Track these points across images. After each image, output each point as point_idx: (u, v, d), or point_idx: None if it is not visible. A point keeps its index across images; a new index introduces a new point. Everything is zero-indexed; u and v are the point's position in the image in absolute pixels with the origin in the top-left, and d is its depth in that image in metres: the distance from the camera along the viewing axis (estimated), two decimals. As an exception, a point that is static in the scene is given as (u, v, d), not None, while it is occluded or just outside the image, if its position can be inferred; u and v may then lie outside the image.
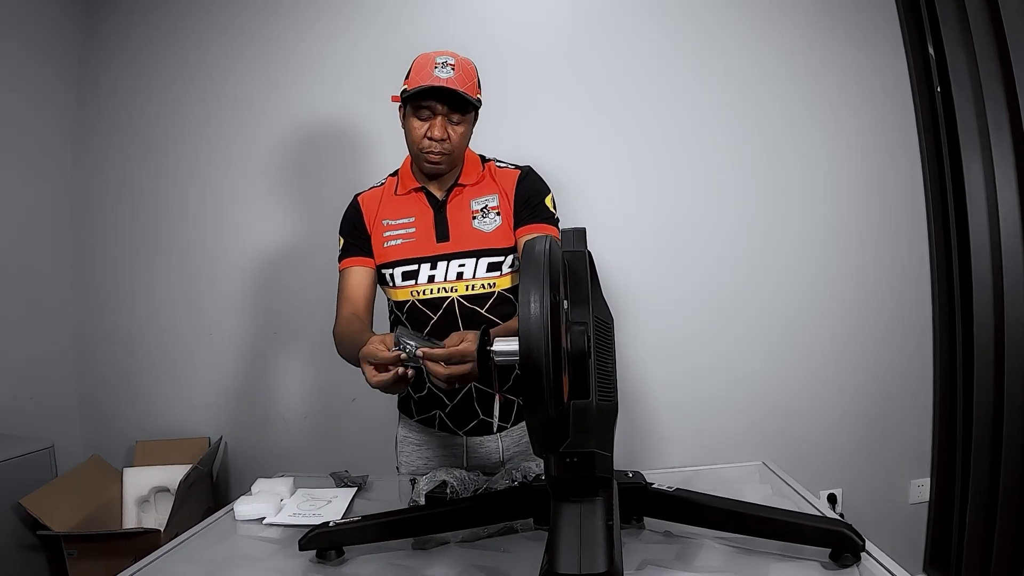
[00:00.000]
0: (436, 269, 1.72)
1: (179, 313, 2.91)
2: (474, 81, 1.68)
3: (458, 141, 1.68)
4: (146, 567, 1.41)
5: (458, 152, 1.71)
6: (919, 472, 2.87)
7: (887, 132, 2.84)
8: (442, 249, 1.73)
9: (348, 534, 1.37)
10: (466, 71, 1.65)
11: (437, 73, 1.61)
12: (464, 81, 1.63)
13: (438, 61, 1.63)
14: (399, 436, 1.93)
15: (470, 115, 1.69)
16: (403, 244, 1.75)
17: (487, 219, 1.74)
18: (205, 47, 2.93)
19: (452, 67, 1.62)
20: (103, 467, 2.68)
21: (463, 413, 1.80)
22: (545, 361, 0.88)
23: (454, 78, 1.61)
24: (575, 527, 1.00)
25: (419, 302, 1.74)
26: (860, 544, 1.21)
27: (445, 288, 1.72)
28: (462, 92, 1.62)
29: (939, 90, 2.68)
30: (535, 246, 0.98)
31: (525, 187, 1.76)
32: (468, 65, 1.68)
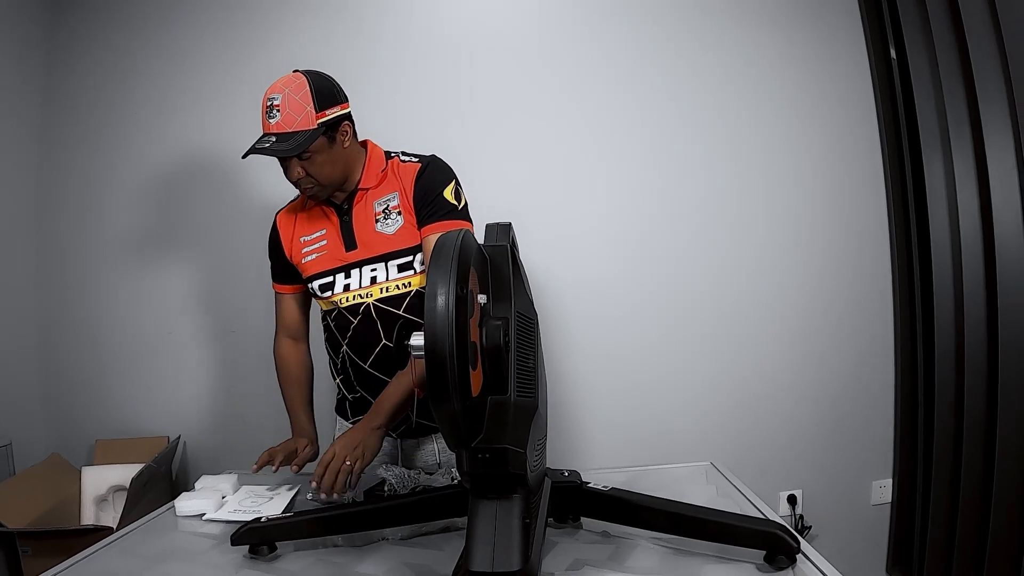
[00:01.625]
0: (351, 278, 1.74)
1: (141, 312, 2.89)
2: (303, 112, 1.59)
3: (319, 172, 1.65)
4: (83, 560, 1.41)
5: (327, 179, 1.68)
6: (881, 473, 2.87)
7: (850, 135, 2.85)
8: (352, 257, 1.74)
9: (280, 530, 1.36)
10: (292, 106, 1.59)
11: (268, 119, 1.60)
12: (291, 120, 1.58)
13: (266, 104, 1.61)
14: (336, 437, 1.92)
15: (319, 144, 1.62)
16: (317, 258, 1.77)
17: (388, 220, 1.73)
18: (169, 45, 2.91)
19: (277, 108, 1.58)
20: (62, 466, 2.66)
21: None
22: (449, 354, 0.87)
23: (280, 121, 1.58)
24: (490, 524, 1.00)
25: (342, 310, 1.76)
26: (795, 546, 1.20)
27: (361, 294, 1.74)
28: (278, 147, 1.58)
29: (894, 56, 2.69)
30: (447, 239, 0.97)
31: (422, 183, 1.73)
32: (299, 92, 1.60)
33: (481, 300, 1.04)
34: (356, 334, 1.74)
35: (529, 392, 1.09)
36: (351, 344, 1.76)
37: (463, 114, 2.79)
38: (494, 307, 1.08)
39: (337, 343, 1.80)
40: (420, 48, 2.83)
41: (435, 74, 2.82)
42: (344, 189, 1.76)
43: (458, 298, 0.89)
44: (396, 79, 2.80)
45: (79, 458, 2.78)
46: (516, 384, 1.04)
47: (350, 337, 1.75)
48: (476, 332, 0.97)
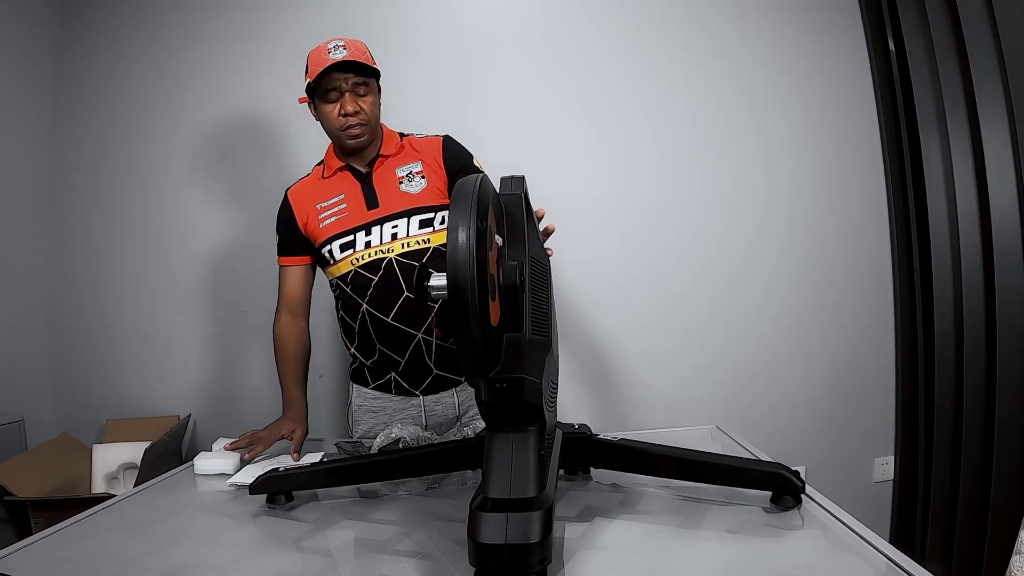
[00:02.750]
0: (371, 235, 1.81)
1: (151, 292, 2.92)
2: (366, 55, 1.79)
3: (370, 110, 1.78)
4: (100, 512, 1.44)
5: (374, 121, 1.82)
6: (883, 450, 2.90)
7: (849, 121, 2.88)
8: (374, 215, 1.82)
9: (297, 479, 1.40)
10: (357, 48, 1.76)
11: (332, 56, 1.72)
12: (357, 55, 1.74)
13: (329, 47, 1.75)
14: (353, 405, 1.97)
15: (373, 85, 1.79)
16: (337, 220, 1.83)
17: (413, 183, 1.83)
18: (180, 36, 2.95)
19: (343, 47, 1.73)
20: (73, 443, 2.69)
21: (417, 371, 1.85)
22: (470, 282, 0.90)
23: (348, 55, 1.72)
24: (507, 455, 1.02)
25: (360, 268, 1.81)
26: (800, 486, 1.24)
27: (382, 250, 1.79)
28: (360, 61, 1.73)
29: (893, 49, 2.73)
30: (466, 181, 1.00)
31: (451, 151, 1.88)
32: (358, 43, 1.79)
33: (497, 241, 1.07)
34: (377, 290, 1.79)
35: (543, 331, 1.13)
36: (372, 301, 1.81)
37: (467, 106, 2.83)
38: (509, 251, 1.12)
39: (355, 305, 1.83)
40: (428, 40, 2.87)
41: (441, 66, 2.87)
42: (364, 156, 1.86)
43: (478, 231, 0.93)
44: (407, 70, 2.82)
45: (90, 437, 2.81)
46: (531, 322, 1.08)
47: (371, 294, 1.80)
48: (494, 267, 1.01)
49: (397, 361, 1.84)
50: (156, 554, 1.20)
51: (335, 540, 1.24)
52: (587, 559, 1.08)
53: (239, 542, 1.27)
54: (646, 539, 1.16)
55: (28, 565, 1.16)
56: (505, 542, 0.92)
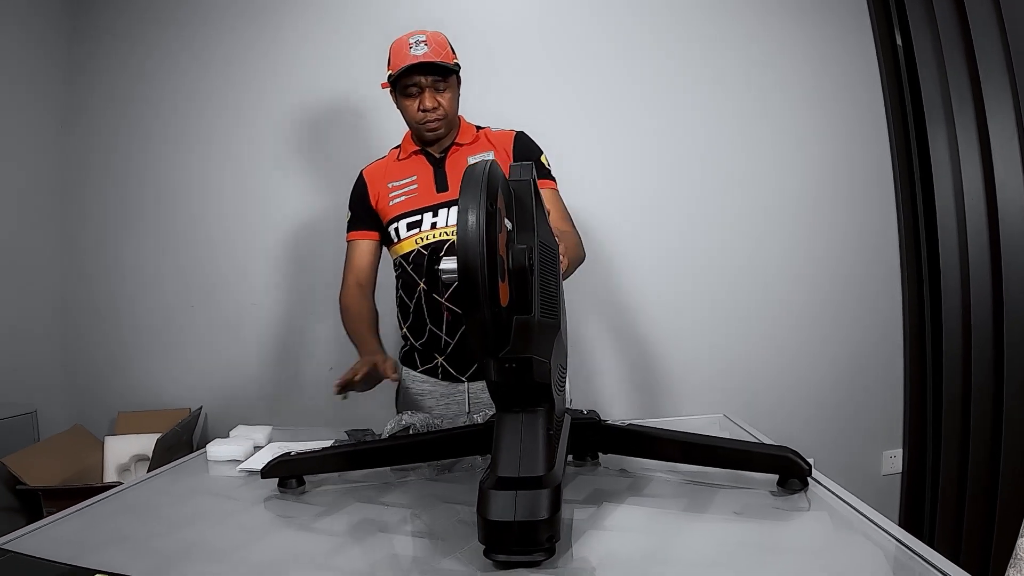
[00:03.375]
0: (438, 216, 1.87)
1: (162, 286, 2.96)
2: (447, 50, 1.84)
3: (449, 105, 1.85)
4: (114, 495, 1.46)
5: (452, 115, 1.88)
6: (891, 443, 2.90)
7: (857, 116, 2.90)
8: (442, 198, 1.88)
9: (308, 463, 1.41)
10: (438, 43, 1.82)
11: (413, 52, 1.78)
12: (438, 52, 1.80)
13: (411, 41, 1.80)
14: (402, 388, 2.03)
15: (452, 80, 1.86)
16: (406, 199, 1.90)
17: None
18: (195, 24, 2.98)
19: (424, 43, 1.79)
20: (85, 435, 2.72)
21: (463, 356, 1.90)
22: (480, 263, 0.91)
23: (429, 52, 1.78)
24: (516, 435, 1.04)
25: (423, 248, 1.86)
26: (807, 469, 1.24)
27: (447, 232, 1.85)
28: (438, 62, 1.79)
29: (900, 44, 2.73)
30: (475, 166, 1.02)
31: (522, 146, 1.97)
32: (439, 37, 1.84)
33: (507, 225, 1.08)
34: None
35: (552, 314, 1.14)
36: (430, 281, 1.85)
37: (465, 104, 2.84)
38: (518, 236, 1.13)
39: (413, 284, 1.88)
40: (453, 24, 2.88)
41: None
42: (440, 144, 1.92)
43: (488, 213, 0.94)
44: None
45: (101, 429, 2.83)
46: (540, 305, 1.09)
47: (428, 274, 1.85)
48: (504, 249, 1.02)
49: (446, 343, 1.89)
50: (165, 536, 1.21)
51: (345, 522, 1.25)
52: (594, 539, 1.08)
53: (249, 524, 1.28)
54: (653, 521, 1.17)
55: (39, 547, 1.17)
56: (514, 519, 0.93)
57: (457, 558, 1.04)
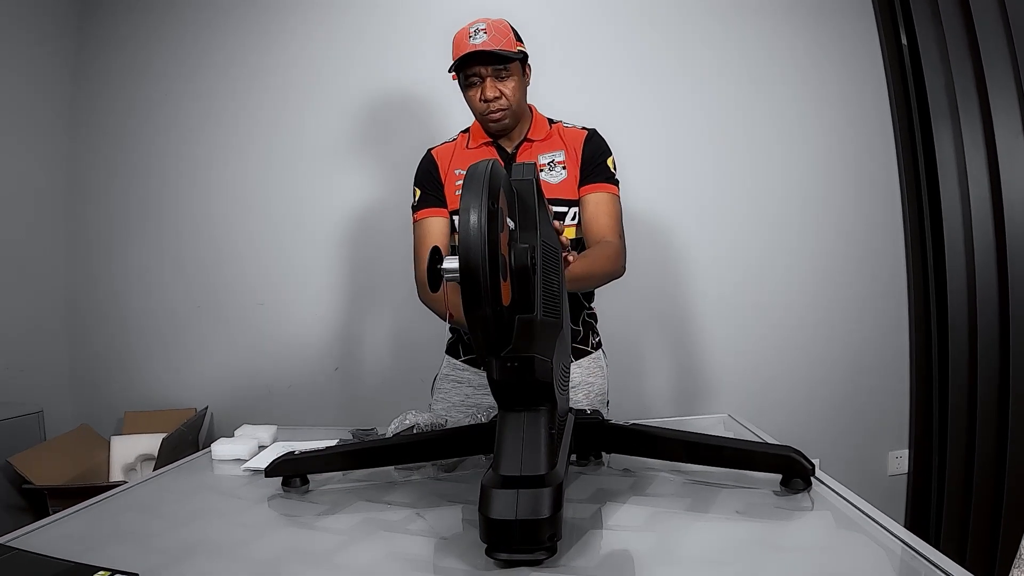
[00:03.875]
0: None
1: (168, 287, 2.97)
2: (509, 37, 1.76)
3: (512, 94, 1.78)
4: (119, 494, 1.46)
5: (516, 105, 1.81)
6: (897, 444, 2.89)
7: (862, 115, 2.90)
8: None
9: (312, 462, 1.41)
10: (499, 30, 1.75)
11: (472, 42, 1.72)
12: (498, 40, 1.73)
13: (471, 31, 1.74)
14: (440, 374, 2.02)
15: (515, 68, 1.78)
16: None
17: (553, 172, 1.84)
18: (200, 26, 3.00)
19: (484, 31, 1.73)
20: (91, 435, 2.73)
21: None
22: (482, 261, 0.92)
23: (488, 40, 1.72)
24: (518, 434, 1.04)
25: None
26: (810, 468, 1.24)
27: None
28: (495, 50, 1.72)
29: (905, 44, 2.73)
30: (478, 165, 1.02)
31: (592, 146, 1.89)
32: (500, 24, 1.77)
33: (509, 225, 1.08)
34: None
35: (555, 313, 1.14)
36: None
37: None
38: (521, 235, 1.13)
39: None
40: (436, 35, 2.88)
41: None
42: (512, 137, 1.88)
43: (490, 212, 0.94)
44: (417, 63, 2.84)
45: (108, 429, 2.85)
46: (542, 304, 1.09)
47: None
48: (506, 248, 1.02)
49: None
50: (169, 533, 1.22)
51: (349, 520, 1.25)
52: (597, 538, 1.09)
53: (253, 522, 1.28)
54: (656, 520, 1.17)
55: (43, 544, 1.17)
56: (515, 518, 0.93)
57: (460, 557, 1.04)
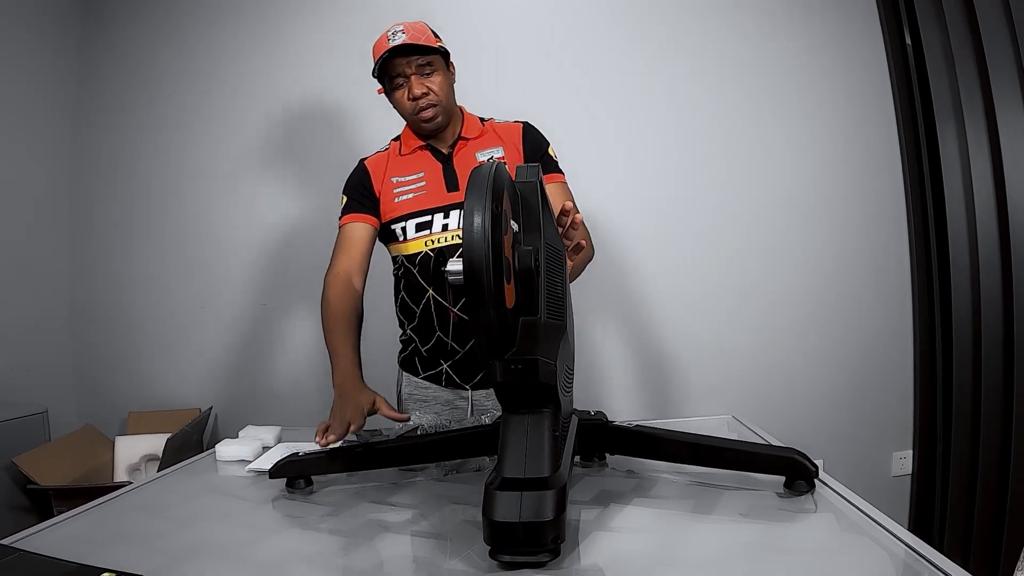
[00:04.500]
0: (449, 218, 1.78)
1: (172, 287, 2.97)
2: (428, 34, 1.75)
3: (439, 89, 1.76)
4: (123, 495, 1.47)
5: (446, 100, 1.79)
6: (901, 444, 2.89)
7: (866, 114, 2.89)
8: (453, 198, 1.79)
9: (316, 463, 1.41)
10: (417, 29, 1.73)
11: (392, 42, 1.71)
12: (416, 38, 1.71)
13: (389, 34, 1.73)
14: (403, 394, 1.94)
15: (438, 63, 1.77)
16: (414, 197, 1.81)
17: None
18: (203, 28, 2.99)
19: (402, 31, 1.72)
20: (95, 435, 2.74)
21: (471, 364, 1.83)
22: (486, 264, 0.92)
23: (407, 39, 1.70)
24: (522, 436, 1.04)
25: (431, 251, 1.77)
26: (813, 470, 1.24)
27: (458, 235, 1.75)
28: (417, 43, 1.71)
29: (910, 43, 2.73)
30: (481, 168, 1.02)
31: (531, 139, 1.88)
32: (419, 24, 1.76)
33: (513, 227, 1.08)
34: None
35: (558, 315, 1.14)
36: (439, 289, 1.78)
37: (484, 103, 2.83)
38: (525, 238, 1.13)
39: (420, 289, 1.80)
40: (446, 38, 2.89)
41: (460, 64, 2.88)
42: (444, 138, 1.85)
43: (493, 215, 0.94)
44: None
45: (112, 429, 2.85)
46: (546, 306, 1.09)
47: (436, 277, 1.77)
48: (509, 251, 1.02)
49: (455, 351, 1.82)
50: (173, 534, 1.22)
51: (353, 522, 1.25)
52: (601, 540, 1.09)
53: (257, 524, 1.29)
54: (659, 522, 1.17)
55: (49, 545, 1.18)
56: (519, 520, 0.93)
57: (463, 559, 1.04)
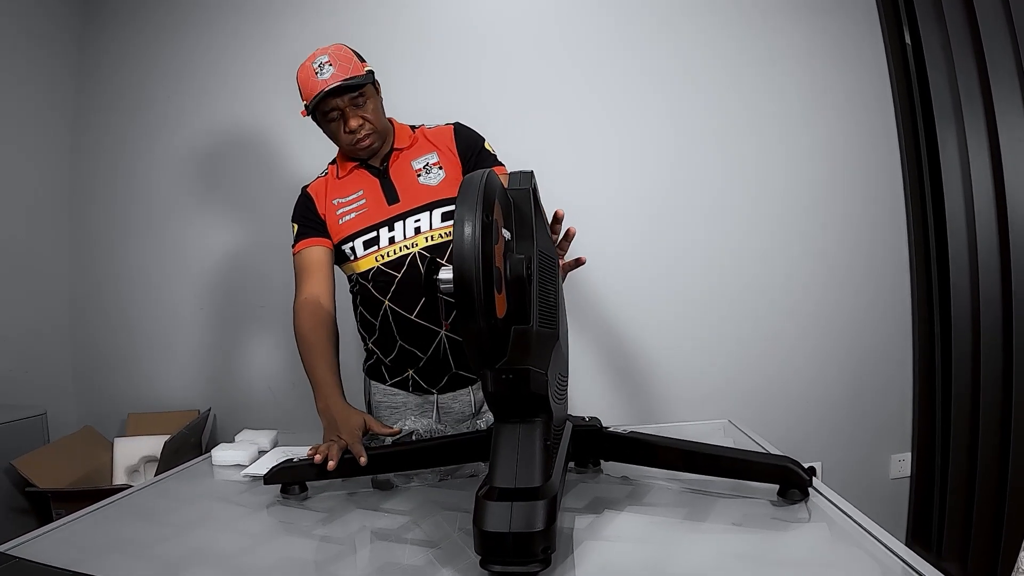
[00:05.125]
0: (395, 230, 1.78)
1: (171, 289, 2.97)
2: (354, 62, 1.74)
3: (374, 117, 1.76)
4: (120, 500, 1.48)
5: (380, 125, 1.79)
6: (900, 447, 2.89)
7: (866, 115, 2.87)
8: (395, 210, 1.79)
9: (310, 470, 1.42)
10: (342, 59, 1.72)
11: (320, 77, 1.70)
12: (345, 69, 1.71)
13: (314, 67, 1.71)
14: (373, 402, 1.94)
15: (369, 91, 1.76)
16: (357, 216, 1.81)
17: (431, 174, 1.82)
18: (202, 29, 2.99)
19: (328, 63, 1.70)
20: (94, 436, 2.74)
21: (436, 369, 1.82)
22: (476, 274, 0.92)
23: (336, 72, 1.69)
24: (513, 446, 1.04)
25: (383, 266, 1.78)
26: (807, 480, 1.24)
27: (406, 245, 1.77)
28: (348, 81, 1.70)
29: (909, 43, 2.73)
30: (473, 176, 1.02)
31: (463, 137, 1.86)
32: (342, 51, 1.75)
33: (505, 235, 1.08)
34: (401, 286, 1.76)
35: (551, 324, 1.14)
36: (395, 298, 1.78)
37: (482, 103, 2.84)
38: (517, 245, 1.13)
39: (376, 303, 1.80)
40: (442, 36, 2.90)
41: (454, 61, 2.90)
42: (378, 153, 1.84)
43: (484, 224, 0.94)
44: (419, 59, 2.85)
45: (111, 431, 2.85)
46: (538, 315, 1.09)
47: (394, 291, 1.77)
48: (501, 260, 1.02)
49: (418, 358, 1.81)
50: (169, 541, 1.23)
51: (347, 529, 1.26)
52: (594, 549, 1.09)
53: (252, 530, 1.29)
54: (652, 530, 1.17)
55: (45, 551, 1.19)
56: (509, 530, 0.94)
57: (455, 568, 1.04)
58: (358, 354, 1.98)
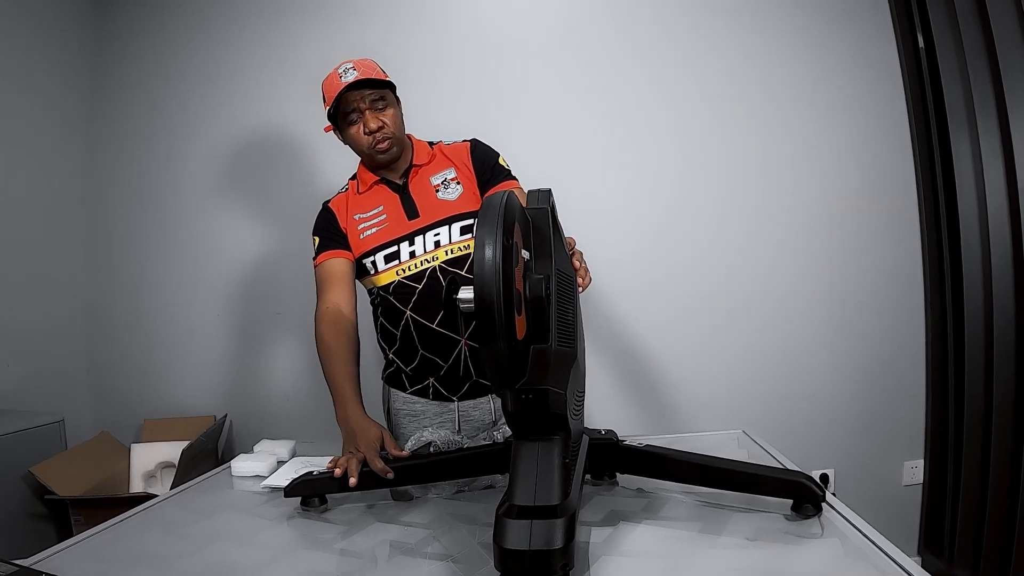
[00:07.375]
0: (415, 244, 1.82)
1: (187, 295, 2.99)
2: (376, 70, 1.80)
3: (393, 122, 1.80)
4: (140, 512, 1.49)
5: (399, 132, 1.83)
6: (912, 454, 2.89)
7: (879, 120, 2.86)
8: (415, 225, 1.83)
9: (330, 483, 1.43)
10: (366, 66, 1.78)
11: (344, 79, 1.75)
12: (367, 73, 1.76)
13: (339, 71, 1.77)
14: (392, 409, 1.97)
15: (390, 98, 1.82)
16: (378, 231, 1.84)
17: (449, 190, 1.85)
18: (217, 35, 3.01)
19: (352, 69, 1.76)
20: (111, 443, 2.76)
21: (456, 377, 1.85)
22: (496, 297, 0.93)
23: (358, 75, 1.74)
24: (532, 463, 1.06)
25: (404, 279, 1.81)
26: (820, 495, 1.25)
27: (427, 259, 1.80)
28: (371, 77, 1.76)
29: (922, 46, 2.73)
30: (493, 198, 1.03)
31: (479, 154, 1.90)
32: (367, 61, 1.81)
33: (524, 256, 1.10)
34: (421, 296, 1.79)
35: (569, 343, 1.16)
36: (416, 308, 1.80)
37: (492, 115, 2.87)
38: (536, 264, 1.15)
39: (398, 313, 1.83)
40: (453, 44, 2.92)
41: (465, 75, 2.92)
42: (397, 169, 1.88)
43: (504, 247, 0.96)
44: (431, 71, 2.87)
45: (128, 437, 2.87)
46: (557, 334, 1.11)
47: (415, 302, 1.80)
48: (520, 282, 1.04)
49: (439, 366, 1.84)
50: (192, 555, 1.25)
51: (366, 542, 1.28)
52: (610, 564, 1.10)
53: (273, 543, 1.31)
54: (667, 545, 1.18)
55: (68, 565, 1.20)
56: (528, 548, 0.95)
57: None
58: (376, 364, 2.00)
